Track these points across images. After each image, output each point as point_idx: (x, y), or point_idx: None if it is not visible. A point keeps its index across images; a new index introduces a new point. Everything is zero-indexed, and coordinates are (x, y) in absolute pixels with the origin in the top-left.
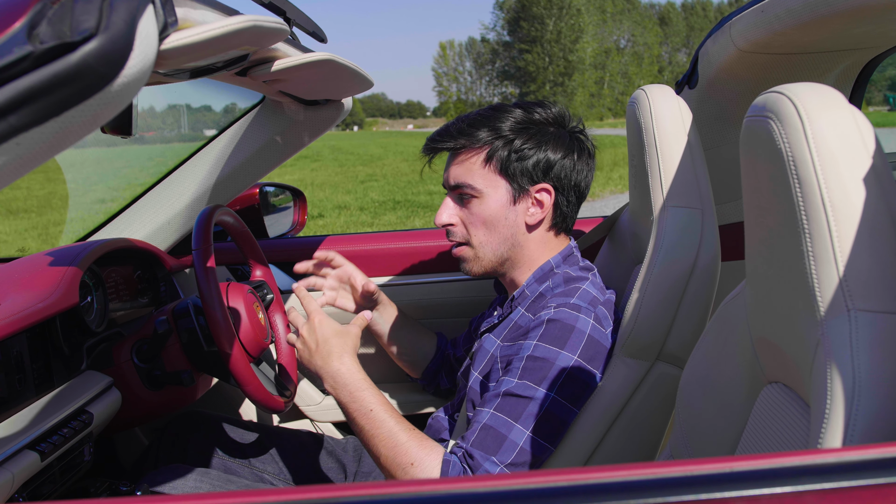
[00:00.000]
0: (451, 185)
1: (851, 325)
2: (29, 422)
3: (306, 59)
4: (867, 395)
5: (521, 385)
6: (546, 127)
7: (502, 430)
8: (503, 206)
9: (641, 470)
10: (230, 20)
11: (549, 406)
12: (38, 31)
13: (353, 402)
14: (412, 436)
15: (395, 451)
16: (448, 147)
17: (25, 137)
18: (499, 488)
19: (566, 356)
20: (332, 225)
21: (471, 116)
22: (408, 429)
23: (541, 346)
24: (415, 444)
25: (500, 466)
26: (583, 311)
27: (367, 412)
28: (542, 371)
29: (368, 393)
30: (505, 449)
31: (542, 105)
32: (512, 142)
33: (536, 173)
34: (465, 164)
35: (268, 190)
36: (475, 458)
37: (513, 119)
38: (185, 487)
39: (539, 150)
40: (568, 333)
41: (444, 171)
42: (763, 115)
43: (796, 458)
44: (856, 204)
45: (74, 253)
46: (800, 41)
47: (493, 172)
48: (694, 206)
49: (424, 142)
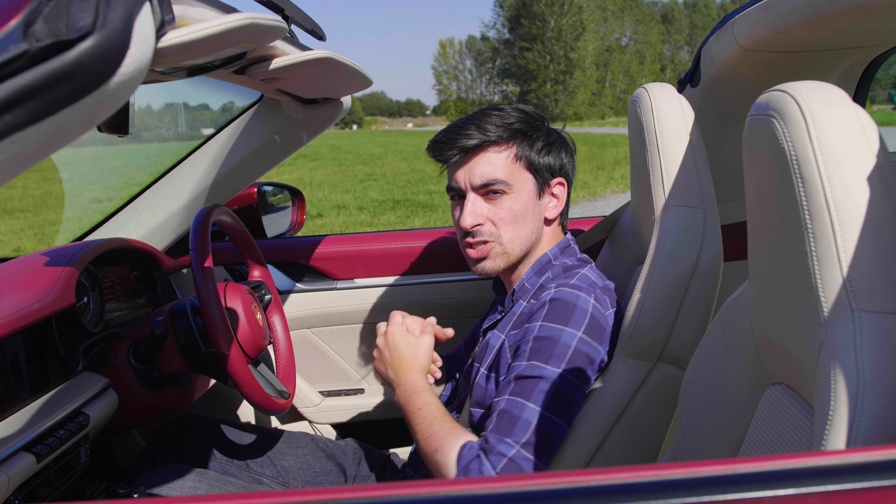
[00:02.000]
0: (478, 184)
1: (855, 326)
2: (25, 423)
3: (305, 57)
4: (871, 397)
5: (529, 366)
6: (545, 125)
7: (515, 411)
8: (532, 200)
9: (643, 472)
10: (228, 18)
11: (558, 382)
12: (34, 28)
13: (408, 403)
14: (445, 426)
15: (427, 441)
16: (471, 144)
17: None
18: (499, 490)
19: (570, 332)
20: (331, 225)
21: (478, 116)
22: (446, 422)
23: (545, 325)
24: (444, 433)
25: (516, 447)
26: (583, 290)
27: (416, 411)
28: (549, 349)
29: (421, 396)
30: (519, 429)
31: (524, 105)
32: (535, 139)
33: (555, 167)
34: (492, 161)
35: (266, 189)
36: (490, 440)
37: (518, 115)
38: (184, 488)
39: (554, 147)
40: (570, 311)
41: (457, 173)
42: (766, 114)
43: (800, 460)
44: (860, 203)
45: (70, 253)
46: (803, 39)
47: (522, 168)
48: (696, 205)
49: (431, 145)
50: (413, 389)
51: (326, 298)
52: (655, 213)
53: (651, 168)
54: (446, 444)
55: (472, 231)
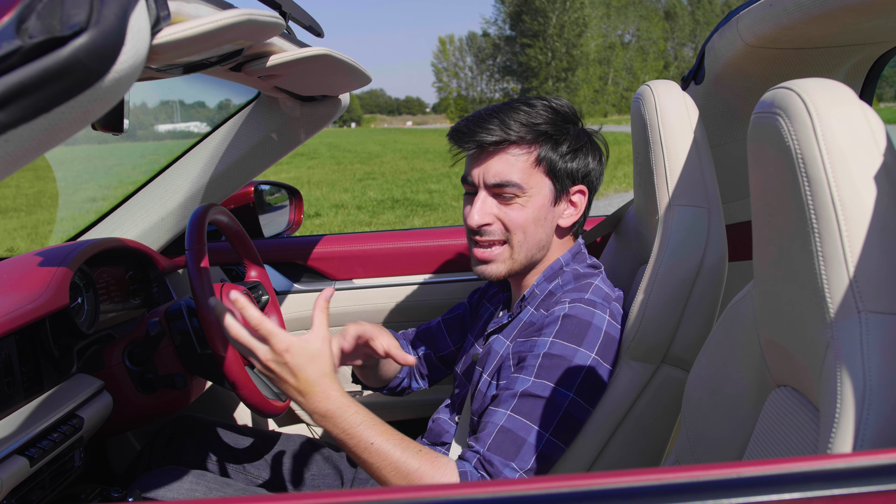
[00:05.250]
0: (491, 183)
1: (862, 328)
2: (18, 426)
3: (302, 54)
4: (878, 399)
5: (538, 384)
6: (576, 127)
7: (521, 433)
8: (545, 206)
9: (646, 476)
10: (224, 14)
11: (567, 407)
12: (28, 25)
13: (350, 439)
14: (422, 459)
15: (408, 479)
16: (491, 140)
17: (14, 134)
18: (501, 494)
19: (584, 353)
20: (329, 224)
21: (505, 109)
22: (416, 452)
23: (557, 342)
24: (427, 466)
25: (520, 473)
26: (598, 306)
27: (368, 446)
28: (560, 369)
29: (363, 427)
30: (524, 454)
31: (558, 101)
32: (560, 143)
33: (578, 175)
34: (510, 161)
35: (263, 188)
36: (495, 464)
37: (547, 114)
38: (180, 492)
39: (581, 152)
40: (585, 330)
41: (473, 166)
42: (771, 112)
43: (805, 463)
44: (866, 203)
45: (64, 253)
46: (809, 36)
47: (541, 172)
48: (700, 204)
49: (452, 132)
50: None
51: None
52: (659, 212)
53: (655, 167)
54: (439, 480)
55: (479, 230)
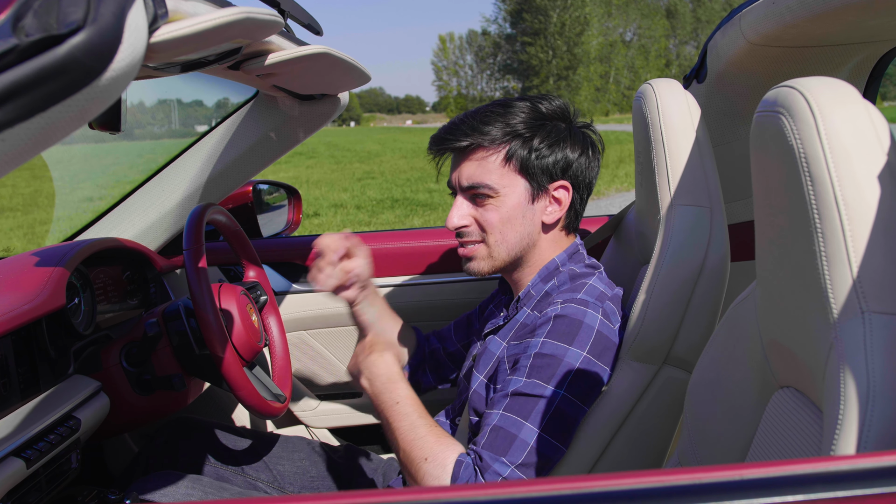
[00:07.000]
0: (465, 186)
1: (866, 328)
2: (14, 428)
3: (301, 53)
4: (882, 400)
5: (529, 384)
6: (557, 122)
7: (512, 429)
8: (521, 204)
9: (648, 477)
10: (222, 12)
11: (559, 404)
12: (24, 23)
13: (383, 394)
14: (431, 431)
15: (412, 445)
16: (462, 146)
17: (10, 133)
18: (500, 497)
19: (575, 352)
20: (329, 224)
21: (479, 112)
22: (429, 424)
23: (548, 342)
24: (432, 439)
25: (511, 467)
26: (590, 306)
27: (394, 404)
28: (551, 368)
29: (399, 386)
30: (515, 449)
31: (547, 98)
32: (530, 139)
33: (556, 171)
34: (480, 163)
35: (261, 188)
36: (484, 459)
37: (524, 114)
38: (177, 494)
39: (558, 147)
40: (576, 329)
41: (452, 170)
42: (774, 111)
43: (808, 465)
44: (870, 202)
45: (61, 253)
46: (812, 34)
47: (512, 171)
48: (702, 204)
49: (430, 141)
50: (387, 374)
51: (323, 300)
52: (661, 212)
53: (656, 166)
54: (438, 456)
55: (459, 231)
